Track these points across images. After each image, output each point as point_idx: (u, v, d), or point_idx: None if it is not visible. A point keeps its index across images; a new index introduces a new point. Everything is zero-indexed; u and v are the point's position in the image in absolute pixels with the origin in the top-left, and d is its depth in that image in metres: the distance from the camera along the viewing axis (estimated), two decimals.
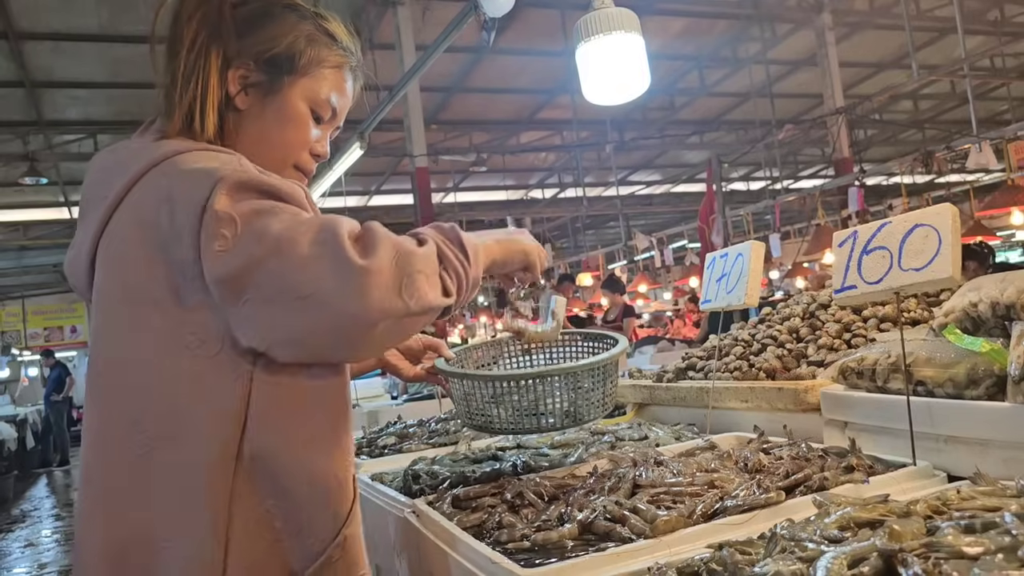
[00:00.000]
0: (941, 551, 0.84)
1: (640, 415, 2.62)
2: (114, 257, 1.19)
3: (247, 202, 1.09)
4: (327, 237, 1.05)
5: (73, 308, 22.01)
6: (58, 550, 7.84)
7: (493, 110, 13.18)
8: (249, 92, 1.28)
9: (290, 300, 1.04)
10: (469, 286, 1.19)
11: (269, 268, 1.04)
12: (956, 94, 14.60)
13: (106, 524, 1.16)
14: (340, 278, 1.03)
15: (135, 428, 1.14)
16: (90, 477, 1.21)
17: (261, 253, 1.05)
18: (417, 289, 1.08)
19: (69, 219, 14.47)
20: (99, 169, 1.27)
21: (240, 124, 1.29)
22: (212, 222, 1.07)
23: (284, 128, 1.31)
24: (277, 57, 1.28)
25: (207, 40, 1.24)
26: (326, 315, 1.04)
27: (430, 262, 1.12)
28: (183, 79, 1.24)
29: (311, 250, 1.04)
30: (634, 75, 2.53)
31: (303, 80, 1.31)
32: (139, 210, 1.16)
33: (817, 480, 1.42)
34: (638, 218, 19.12)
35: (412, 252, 1.10)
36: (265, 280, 1.05)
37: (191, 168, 1.13)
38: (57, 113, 10.88)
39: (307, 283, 1.03)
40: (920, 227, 1.47)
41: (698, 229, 8.91)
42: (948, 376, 1.48)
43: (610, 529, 1.33)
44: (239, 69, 1.27)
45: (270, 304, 1.06)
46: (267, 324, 1.08)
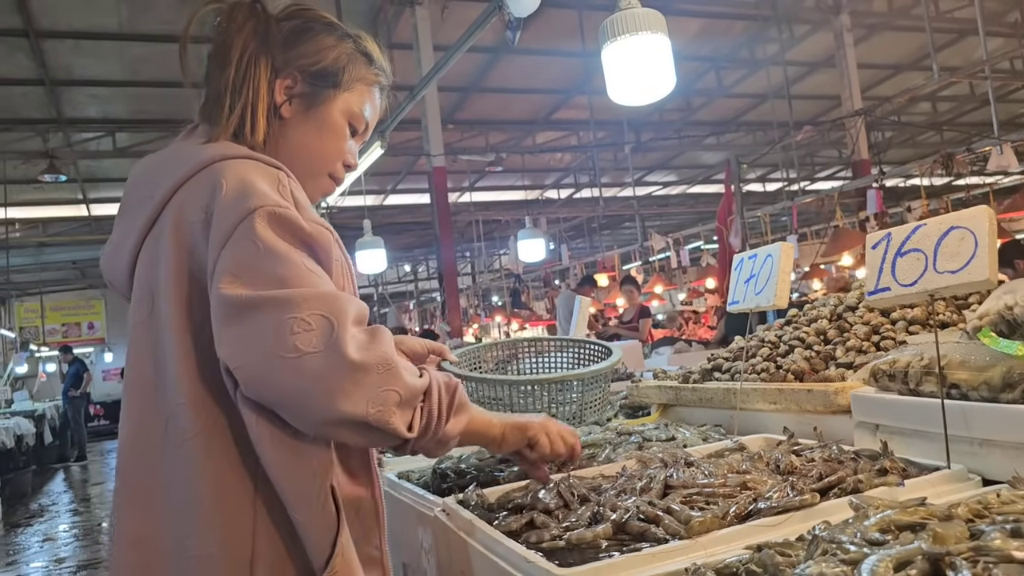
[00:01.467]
0: (990, 555, 0.84)
1: (665, 416, 2.62)
2: (158, 256, 1.22)
3: (276, 241, 1.11)
4: (335, 315, 1.08)
5: (91, 305, 22.20)
6: (75, 545, 7.89)
7: (510, 110, 13.19)
8: (293, 102, 1.34)
9: (270, 355, 1.05)
10: (435, 434, 1.18)
11: (268, 317, 1.06)
12: (976, 96, 14.50)
13: (138, 516, 1.19)
14: (326, 359, 1.05)
15: (169, 422, 1.17)
16: (125, 468, 1.23)
17: (267, 298, 1.07)
18: (388, 405, 1.09)
19: (87, 216, 14.59)
20: (144, 171, 1.31)
21: (282, 132, 1.34)
22: (238, 246, 1.10)
23: (324, 138, 1.37)
24: (323, 71, 1.34)
25: (256, 51, 1.30)
26: (294, 386, 1.05)
27: (412, 391, 1.13)
28: (235, 87, 1.28)
29: (312, 321, 1.06)
30: (659, 76, 2.53)
31: (344, 94, 1.37)
32: (180, 214, 1.19)
33: (851, 483, 1.41)
34: (654, 219, 19.10)
35: (401, 374, 1.11)
36: (258, 325, 1.06)
37: (234, 182, 1.16)
38: (76, 111, 10.97)
39: (293, 349, 1.05)
40: (956, 229, 1.46)
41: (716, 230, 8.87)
42: (983, 379, 1.47)
43: (644, 529, 1.33)
44: (286, 79, 1.32)
45: (251, 347, 1.07)
46: (241, 360, 1.08)
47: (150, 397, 1.20)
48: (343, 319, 1.08)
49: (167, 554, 1.15)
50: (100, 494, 11.24)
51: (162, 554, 1.16)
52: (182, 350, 1.17)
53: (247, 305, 1.07)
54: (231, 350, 1.08)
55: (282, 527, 1.17)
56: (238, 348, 1.08)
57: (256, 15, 1.31)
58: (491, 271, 21.84)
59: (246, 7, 1.32)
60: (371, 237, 8.96)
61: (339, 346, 1.06)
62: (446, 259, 9.92)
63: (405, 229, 16.92)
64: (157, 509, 1.18)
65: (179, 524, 1.15)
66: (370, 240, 8.91)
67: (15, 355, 18.26)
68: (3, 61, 9.22)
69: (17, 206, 13.73)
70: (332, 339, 1.06)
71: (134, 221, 1.26)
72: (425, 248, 19.87)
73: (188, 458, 1.15)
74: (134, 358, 1.25)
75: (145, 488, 1.19)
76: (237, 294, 1.07)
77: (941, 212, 3.77)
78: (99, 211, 14.65)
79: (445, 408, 1.19)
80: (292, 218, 1.14)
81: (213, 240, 1.12)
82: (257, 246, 1.10)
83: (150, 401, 1.20)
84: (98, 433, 19.90)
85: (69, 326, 22.30)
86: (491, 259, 21.71)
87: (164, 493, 1.17)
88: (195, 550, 1.13)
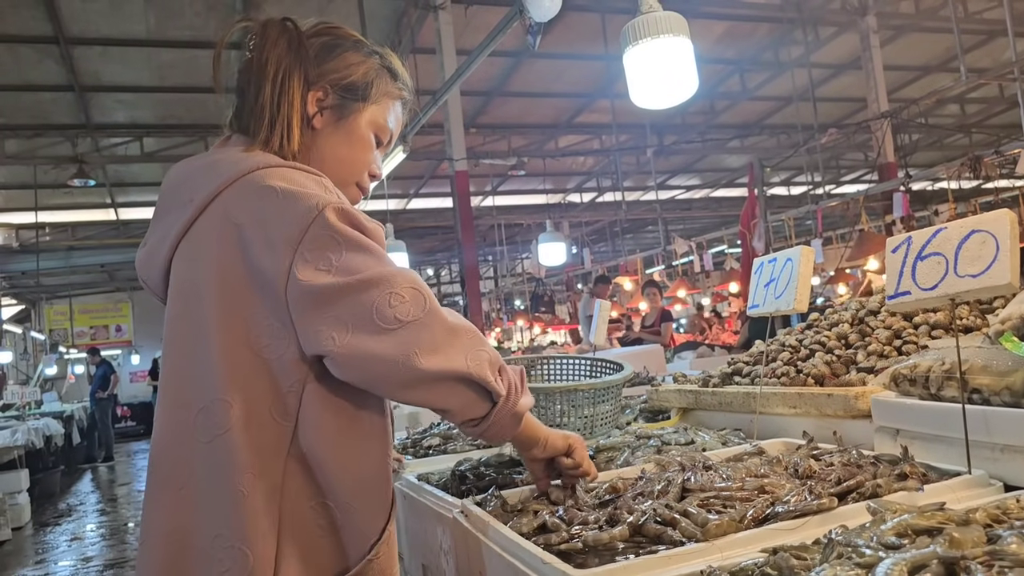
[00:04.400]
0: (1005, 559, 0.84)
1: (685, 420, 2.61)
2: (197, 256, 1.27)
3: (350, 231, 1.20)
4: (422, 289, 1.20)
5: (119, 308, 22.47)
6: (103, 544, 7.98)
7: (532, 114, 13.20)
8: (324, 114, 1.40)
9: (375, 329, 1.15)
10: (512, 406, 1.30)
11: (366, 296, 1.16)
12: (1004, 98, 14.33)
13: (168, 510, 1.22)
14: (427, 324, 1.17)
15: (202, 416, 1.21)
16: (158, 460, 1.27)
17: (361, 280, 1.16)
18: (481, 359, 1.22)
19: (115, 220, 14.78)
20: (181, 176, 1.37)
21: (314, 142, 1.40)
22: (320, 239, 1.18)
23: (353, 149, 1.44)
24: (352, 85, 1.41)
25: (291, 65, 1.36)
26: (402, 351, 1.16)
27: (496, 356, 1.27)
28: (273, 100, 1.34)
29: (404, 293, 1.18)
30: (682, 79, 2.53)
31: (372, 107, 1.44)
32: (227, 217, 1.24)
33: (870, 487, 1.41)
34: (677, 223, 19.03)
35: (483, 340, 1.25)
36: (357, 305, 1.16)
37: (287, 186, 1.22)
38: (105, 116, 11.12)
39: (395, 320, 1.16)
40: (977, 233, 1.45)
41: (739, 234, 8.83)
42: (1005, 384, 1.46)
43: (661, 532, 1.33)
44: (318, 92, 1.39)
45: (353, 326, 1.15)
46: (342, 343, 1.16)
47: (185, 391, 1.25)
48: (427, 290, 1.21)
49: (198, 548, 1.19)
50: (127, 494, 11.37)
51: (193, 547, 1.19)
52: (219, 347, 1.21)
53: (341, 290, 1.16)
54: (326, 335, 1.17)
55: (310, 521, 1.21)
56: (335, 331, 1.16)
57: (288, 32, 1.37)
58: (513, 275, 21.85)
59: (278, 24, 1.38)
60: (394, 241, 9.03)
61: (435, 312, 1.19)
62: (468, 263, 9.93)
63: (427, 233, 16.99)
64: (189, 502, 1.21)
65: (211, 518, 1.18)
66: (393, 244, 8.96)
67: (44, 357, 18.51)
68: (33, 67, 9.36)
69: (47, 210, 13.93)
70: (427, 307, 1.19)
71: (171, 224, 1.31)
72: (447, 252, 19.92)
73: (221, 452, 1.19)
74: (169, 354, 1.29)
75: (178, 480, 1.23)
76: (327, 283, 1.16)
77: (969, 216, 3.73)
78: (127, 215, 14.86)
79: (518, 381, 1.32)
80: (355, 213, 1.24)
81: (278, 241, 1.18)
82: (335, 238, 1.18)
83: (185, 395, 1.24)
84: (125, 434, 20.15)
85: (97, 329, 22.57)
86: (513, 263, 21.72)
87: (197, 486, 1.21)
88: (227, 542, 1.16)
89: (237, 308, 1.21)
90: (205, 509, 1.19)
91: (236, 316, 1.21)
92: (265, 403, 1.21)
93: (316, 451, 1.22)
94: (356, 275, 1.16)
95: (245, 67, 1.39)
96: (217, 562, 1.16)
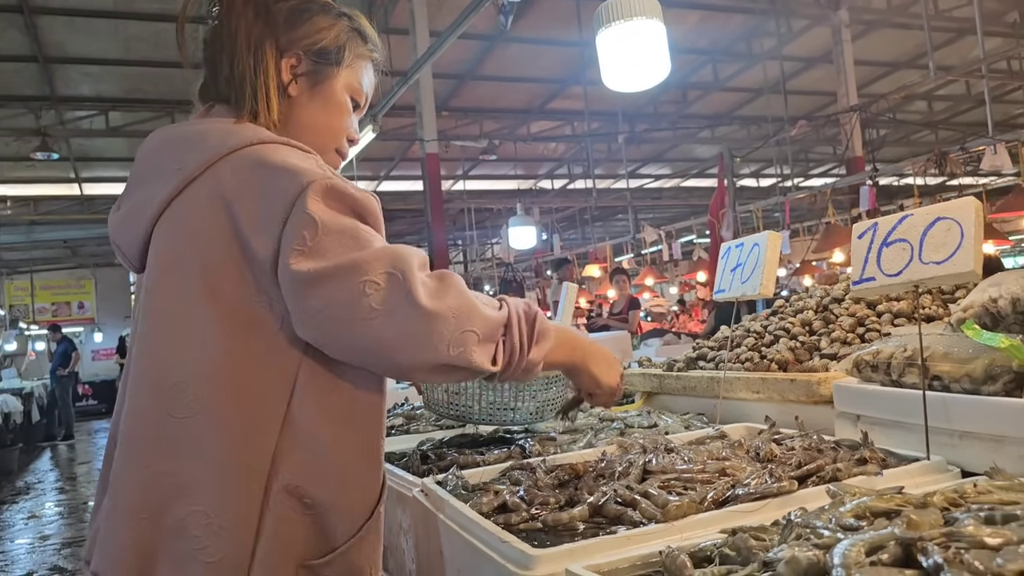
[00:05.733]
0: (962, 541, 0.84)
1: (649, 404, 2.61)
2: (184, 228, 1.23)
3: (333, 212, 1.16)
4: (401, 270, 1.13)
5: (81, 284, 22.11)
6: (61, 523, 7.87)
7: (504, 98, 13.14)
8: (299, 80, 1.36)
9: (351, 319, 1.11)
10: (519, 364, 1.23)
11: (340, 284, 1.12)
12: (971, 96, 14.50)
13: (138, 487, 1.18)
14: (402, 314, 1.11)
15: (182, 392, 1.17)
16: (129, 438, 1.21)
17: (336, 267, 1.12)
18: (468, 345, 1.14)
19: (79, 195, 14.51)
20: (166, 143, 1.32)
21: (291, 110, 1.37)
22: (298, 223, 1.13)
23: (330, 115, 1.40)
24: (324, 49, 1.37)
25: (261, 34, 1.32)
26: (379, 342, 1.12)
27: (492, 326, 1.18)
28: (248, 70, 1.30)
29: (382, 280, 1.12)
30: (654, 62, 2.51)
31: (345, 71, 1.40)
32: (217, 191, 1.20)
33: (830, 471, 1.41)
34: (647, 211, 19.09)
35: (478, 310, 1.17)
36: (333, 293, 1.12)
37: (279, 164, 1.19)
38: (69, 89, 10.88)
39: (369, 311, 1.11)
40: (942, 220, 1.45)
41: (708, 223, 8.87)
42: (965, 371, 1.47)
43: (621, 513, 1.33)
44: (290, 59, 1.35)
45: (331, 315, 1.12)
46: (324, 329, 1.14)
47: (162, 366, 1.20)
48: (409, 270, 1.13)
49: (171, 525, 1.14)
50: (86, 473, 11.22)
51: (166, 525, 1.15)
52: (204, 323, 1.18)
53: (318, 278, 1.11)
54: (311, 324, 1.14)
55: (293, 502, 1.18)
56: (318, 321, 1.13)
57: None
58: (483, 260, 21.81)
59: None
60: None
61: (412, 298, 1.11)
62: (438, 246, 9.89)
63: (397, 216, 16.87)
64: (163, 479, 1.16)
65: (188, 495, 1.15)
66: None
67: (4, 333, 18.21)
68: None
69: (8, 183, 13.66)
70: (404, 293, 1.11)
71: (153, 192, 1.26)
72: (417, 235, 19.79)
73: (202, 429, 1.15)
74: (145, 326, 1.25)
75: (147, 457, 1.18)
76: (307, 268, 1.11)
77: None
78: (91, 190, 14.58)
79: (527, 339, 1.24)
80: (342, 187, 1.19)
81: (268, 220, 1.15)
82: (315, 219, 1.13)
83: (161, 370, 1.20)
84: (86, 413, 19.84)
85: (59, 305, 22.18)
86: (483, 248, 21.67)
87: (172, 463, 1.16)
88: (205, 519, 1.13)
89: (226, 285, 1.18)
90: (181, 486, 1.15)
91: (225, 293, 1.18)
92: (254, 381, 1.18)
93: (309, 429, 1.19)
94: (332, 261, 1.12)
95: (213, 37, 1.35)
96: (192, 539, 1.13)
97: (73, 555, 6.56)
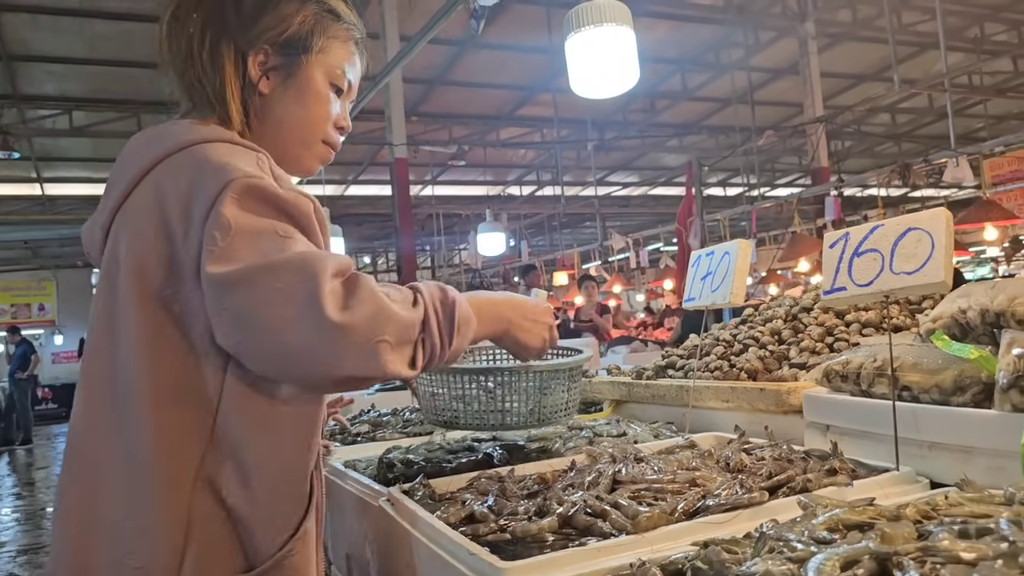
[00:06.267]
0: (938, 555, 0.83)
1: (617, 412, 2.60)
2: (124, 230, 1.20)
3: (248, 215, 1.09)
4: (308, 279, 1.04)
5: (42, 286, 21.71)
6: (17, 529, 7.70)
7: (474, 104, 13.13)
8: (270, 76, 1.30)
9: (258, 327, 1.05)
10: (441, 359, 1.19)
11: (248, 291, 1.05)
12: (934, 109, 14.76)
13: (85, 486, 1.17)
14: (308, 326, 1.03)
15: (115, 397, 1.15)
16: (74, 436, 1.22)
17: (244, 271, 1.05)
18: (380, 356, 1.08)
19: (41, 196, 14.22)
20: (131, 148, 1.28)
21: (265, 108, 1.31)
22: (212, 224, 1.07)
23: (308, 105, 1.33)
24: (291, 39, 1.30)
25: (215, 35, 1.26)
26: (285, 355, 1.06)
27: (406, 330, 1.12)
28: (204, 76, 1.26)
29: (288, 289, 1.04)
30: (623, 68, 2.51)
31: (319, 57, 1.33)
32: (157, 190, 1.16)
33: (800, 482, 1.40)
34: (615, 219, 19.15)
35: (391, 316, 1.10)
36: (240, 302, 1.05)
37: (211, 162, 1.13)
38: (33, 87, 10.67)
39: (274, 321, 1.04)
40: (913, 231, 1.46)
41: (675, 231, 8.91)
42: (935, 382, 1.47)
43: (591, 524, 1.31)
44: (257, 55, 1.28)
45: (239, 322, 1.06)
46: (234, 337, 1.08)
47: (103, 371, 1.18)
48: (320, 280, 1.04)
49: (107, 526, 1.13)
50: (45, 478, 11.00)
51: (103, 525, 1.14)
52: (135, 326, 1.14)
53: (228, 282, 1.05)
54: (222, 331, 1.08)
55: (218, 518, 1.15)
56: (228, 329, 1.08)
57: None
58: (450, 265, 21.75)
59: None
60: (330, 226, 8.88)
61: (319, 311, 1.03)
62: (406, 251, 9.84)
63: (365, 220, 16.79)
64: (104, 481, 1.15)
65: (122, 500, 1.13)
66: (331, 229, 8.81)
67: None
68: None
69: None
70: (311, 305, 1.03)
71: (111, 195, 1.24)
72: (385, 240, 19.73)
73: (133, 436, 1.13)
74: (91, 331, 1.23)
75: (93, 458, 1.17)
76: (217, 272, 1.05)
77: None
78: (53, 191, 14.30)
79: (446, 334, 1.18)
80: (266, 186, 1.11)
81: (191, 220, 1.10)
82: (227, 220, 1.07)
83: (102, 375, 1.18)
84: (45, 417, 19.42)
85: (19, 307, 21.75)
86: (451, 254, 21.63)
87: (110, 467, 1.15)
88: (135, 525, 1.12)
89: (156, 287, 1.14)
90: (117, 491, 1.14)
91: (155, 295, 1.14)
92: (181, 387, 1.14)
93: (235, 438, 1.16)
94: (239, 265, 1.05)
95: (166, 36, 1.29)
96: (124, 542, 1.12)
97: (29, 562, 6.42)
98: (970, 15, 11.43)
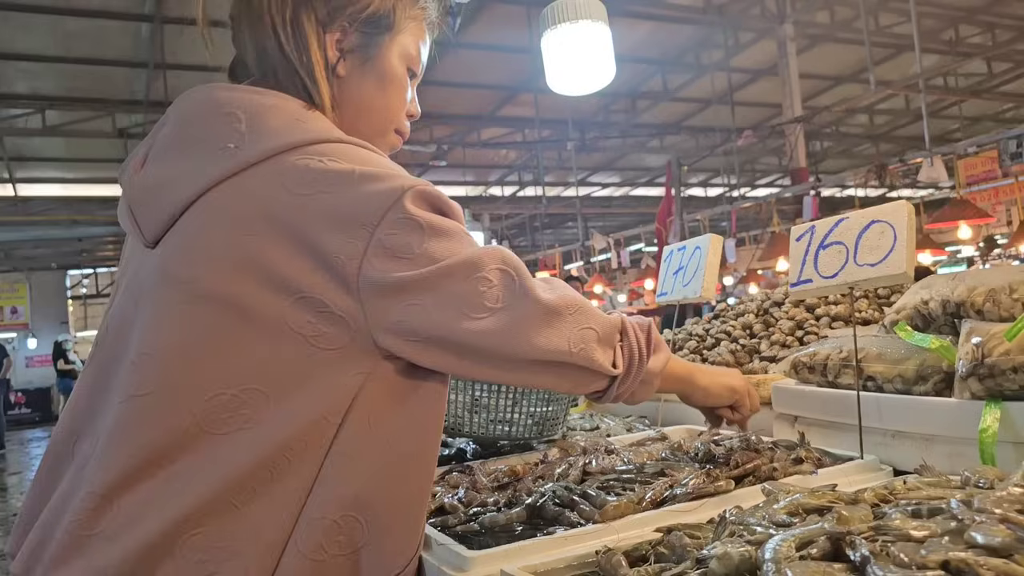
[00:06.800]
0: (889, 534, 0.84)
1: (591, 407, 2.61)
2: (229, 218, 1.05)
3: (431, 215, 1.06)
4: (512, 266, 1.07)
5: (15, 289, 21.45)
6: None
7: (455, 104, 13.10)
8: (347, 57, 1.20)
9: (465, 316, 1.03)
10: (639, 373, 1.18)
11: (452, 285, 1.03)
12: (910, 110, 14.92)
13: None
14: (520, 307, 1.04)
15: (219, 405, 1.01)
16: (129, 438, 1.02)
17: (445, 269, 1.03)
18: (586, 343, 1.08)
19: (14, 197, 14.06)
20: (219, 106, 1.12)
21: (343, 92, 1.21)
22: (396, 226, 1.02)
23: (387, 92, 1.25)
24: (373, 15, 1.20)
25: (296, 8, 1.15)
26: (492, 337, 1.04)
27: (609, 327, 1.13)
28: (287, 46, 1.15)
29: (496, 276, 1.05)
30: (599, 66, 2.52)
31: (399, 37, 1.23)
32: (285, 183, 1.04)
33: (766, 470, 1.42)
34: (596, 219, 19.22)
35: (593, 312, 1.11)
36: (445, 294, 1.03)
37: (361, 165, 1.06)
38: (4, 86, 10.53)
39: (484, 308, 1.04)
40: (876, 223, 1.48)
41: (655, 231, 8.97)
42: (898, 372, 1.49)
43: (559, 514, 1.32)
44: (335, 33, 1.18)
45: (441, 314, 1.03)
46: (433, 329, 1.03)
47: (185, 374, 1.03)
48: (521, 270, 1.07)
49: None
50: (17, 484, 10.87)
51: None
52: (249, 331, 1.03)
53: (426, 279, 1.02)
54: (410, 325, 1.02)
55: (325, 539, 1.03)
56: (424, 321, 1.02)
57: None
58: None
59: None
60: None
61: (527, 292, 1.05)
62: None
63: None
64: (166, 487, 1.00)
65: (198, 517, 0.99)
66: None
67: None
68: None
69: None
70: (518, 288, 1.05)
71: (199, 166, 1.08)
72: None
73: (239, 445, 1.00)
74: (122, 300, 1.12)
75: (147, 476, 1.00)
76: (410, 273, 1.01)
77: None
78: (26, 191, 14.15)
79: (644, 344, 1.18)
80: (435, 193, 1.09)
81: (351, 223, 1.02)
82: (419, 224, 1.03)
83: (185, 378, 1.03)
84: (19, 422, 19.17)
85: None
86: None
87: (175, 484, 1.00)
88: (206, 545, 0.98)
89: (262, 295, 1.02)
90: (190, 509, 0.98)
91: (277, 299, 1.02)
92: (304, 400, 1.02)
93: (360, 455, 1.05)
94: (440, 262, 1.02)
95: (237, 14, 1.19)
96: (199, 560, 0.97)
97: (2, 568, 6.35)
98: (945, 17, 11.55)
